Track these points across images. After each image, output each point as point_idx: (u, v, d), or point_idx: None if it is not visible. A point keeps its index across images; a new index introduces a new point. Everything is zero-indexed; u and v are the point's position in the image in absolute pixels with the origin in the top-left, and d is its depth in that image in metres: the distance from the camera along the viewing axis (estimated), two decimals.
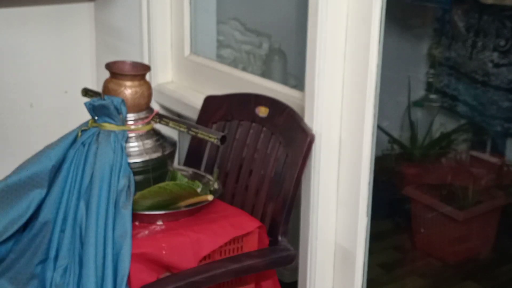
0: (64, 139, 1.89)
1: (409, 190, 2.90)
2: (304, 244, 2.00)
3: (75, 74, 2.82)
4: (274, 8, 2.87)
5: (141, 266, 1.74)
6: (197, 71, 2.48)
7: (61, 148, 1.86)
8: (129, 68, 1.97)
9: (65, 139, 1.88)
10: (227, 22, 2.83)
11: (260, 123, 2.04)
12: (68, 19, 2.77)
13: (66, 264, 1.76)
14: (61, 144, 1.87)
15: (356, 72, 1.86)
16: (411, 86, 3.12)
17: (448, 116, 3.12)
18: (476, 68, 2.96)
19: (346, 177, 1.94)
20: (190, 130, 1.91)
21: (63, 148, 1.86)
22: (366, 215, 1.93)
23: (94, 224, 1.74)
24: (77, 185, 1.80)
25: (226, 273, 1.80)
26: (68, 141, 1.88)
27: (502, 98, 2.90)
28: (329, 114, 1.91)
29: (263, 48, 2.89)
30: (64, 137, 1.90)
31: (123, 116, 1.87)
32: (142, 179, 1.89)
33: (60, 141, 1.88)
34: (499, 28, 2.89)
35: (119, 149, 1.82)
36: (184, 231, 1.80)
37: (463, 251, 2.84)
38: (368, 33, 1.80)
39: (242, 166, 2.06)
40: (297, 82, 2.66)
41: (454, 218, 2.79)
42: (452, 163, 3.01)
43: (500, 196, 2.88)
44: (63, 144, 1.87)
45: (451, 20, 3.05)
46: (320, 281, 2.02)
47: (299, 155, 1.91)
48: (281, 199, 1.93)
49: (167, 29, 2.54)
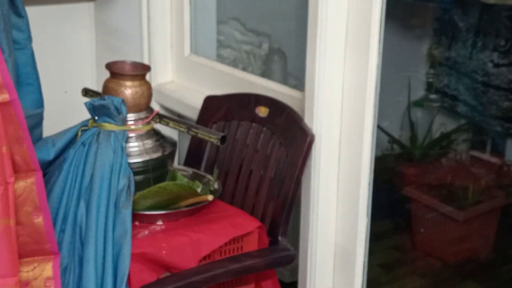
0: (64, 134, 1.90)
1: (409, 190, 2.90)
2: (304, 244, 2.01)
3: (75, 74, 2.82)
4: (274, 8, 2.87)
5: (141, 266, 1.74)
6: (197, 71, 2.48)
7: (60, 144, 1.87)
8: (129, 68, 1.97)
9: (65, 134, 1.89)
10: (227, 22, 2.83)
11: (260, 123, 2.04)
12: (68, 19, 2.77)
13: (66, 264, 1.76)
14: (61, 139, 1.88)
15: (356, 72, 1.86)
16: (411, 86, 3.12)
17: (448, 116, 3.12)
18: (476, 68, 2.97)
19: (346, 177, 1.94)
20: (190, 130, 1.91)
21: (62, 144, 1.87)
22: (366, 215, 1.93)
23: (94, 224, 1.74)
24: (77, 185, 1.81)
25: (226, 273, 1.80)
26: (67, 138, 1.88)
27: (502, 98, 2.90)
28: (329, 114, 1.91)
29: (263, 48, 2.89)
30: (64, 132, 1.91)
31: (123, 116, 1.87)
32: (142, 179, 1.89)
33: (60, 136, 1.89)
34: (499, 28, 2.89)
35: (119, 149, 1.83)
36: (184, 231, 1.80)
37: (463, 251, 2.84)
38: (368, 33, 1.80)
39: (242, 166, 2.06)
40: (297, 82, 2.66)
41: (454, 218, 2.79)
42: (452, 163, 3.02)
43: (500, 196, 2.88)
44: (63, 140, 1.88)
45: (451, 20, 3.05)
46: (320, 281, 2.02)
47: (299, 155, 1.91)
48: (281, 199, 1.93)
49: (167, 29, 2.54)
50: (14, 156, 1.55)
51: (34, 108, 2.00)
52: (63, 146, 1.88)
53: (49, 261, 1.68)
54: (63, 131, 1.92)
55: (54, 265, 1.68)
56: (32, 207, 1.62)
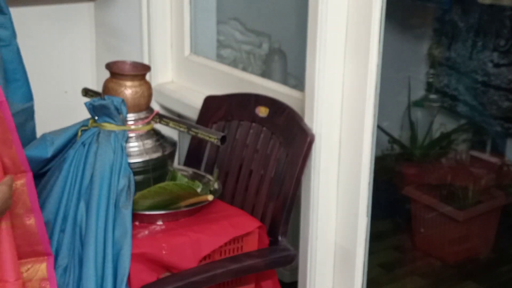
0: (63, 133, 1.90)
1: (409, 190, 2.90)
2: (304, 244, 2.01)
3: (75, 74, 2.82)
4: (274, 8, 2.87)
5: (141, 266, 1.74)
6: (197, 71, 2.48)
7: (59, 142, 1.87)
8: (129, 68, 1.97)
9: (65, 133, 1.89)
10: (227, 22, 2.83)
11: (260, 123, 2.04)
12: (68, 19, 2.77)
13: (66, 264, 1.76)
14: (60, 138, 1.88)
15: (356, 72, 1.86)
16: (411, 86, 3.12)
17: (448, 116, 3.13)
18: (476, 68, 2.97)
19: (346, 177, 1.94)
20: (190, 130, 1.91)
21: (61, 143, 1.87)
22: (366, 215, 1.93)
23: (94, 224, 1.74)
24: (77, 185, 1.81)
25: (226, 273, 1.80)
26: (66, 136, 1.88)
27: (502, 98, 2.90)
28: (329, 114, 1.91)
29: (263, 48, 2.90)
30: (63, 130, 1.91)
31: (123, 116, 1.87)
32: (142, 179, 1.89)
33: (59, 135, 1.89)
34: (499, 28, 2.90)
35: (119, 149, 1.83)
36: (184, 231, 1.80)
37: (463, 251, 2.84)
38: (368, 33, 1.80)
39: (242, 166, 2.06)
40: (297, 82, 2.66)
41: (454, 218, 2.79)
42: (452, 163, 3.01)
43: (500, 196, 2.88)
44: (61, 139, 1.88)
45: (451, 20, 3.05)
46: (320, 281, 2.02)
47: (299, 155, 1.91)
48: (281, 199, 1.93)
49: (167, 29, 2.54)
50: (3, 158, 1.54)
51: (24, 102, 2.03)
52: (62, 145, 1.88)
53: (43, 262, 1.67)
54: (63, 129, 1.92)
55: (48, 266, 1.67)
56: (24, 209, 1.60)
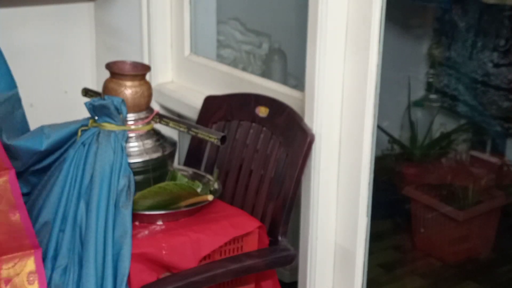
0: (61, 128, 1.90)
1: (409, 190, 2.90)
2: (304, 244, 2.00)
3: (75, 74, 2.82)
4: (274, 8, 2.87)
5: (141, 266, 1.74)
6: (197, 71, 2.48)
7: (55, 137, 1.87)
8: (129, 68, 1.97)
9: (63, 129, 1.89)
10: (227, 22, 2.83)
11: (260, 123, 2.04)
12: (68, 19, 2.77)
13: (66, 264, 1.76)
14: (57, 132, 1.88)
15: (356, 72, 1.86)
16: (411, 86, 3.12)
17: (448, 116, 3.12)
18: (476, 68, 2.97)
19: (346, 177, 1.94)
20: (190, 130, 1.91)
21: (57, 138, 1.87)
22: (366, 215, 1.93)
23: (94, 224, 1.74)
24: (77, 185, 1.80)
25: (226, 273, 1.80)
26: (64, 133, 1.88)
27: (502, 98, 2.90)
28: (329, 114, 1.91)
29: (263, 48, 2.90)
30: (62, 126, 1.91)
31: (123, 116, 1.87)
32: (142, 179, 1.89)
33: (57, 129, 1.89)
34: (499, 28, 2.89)
35: (119, 149, 1.83)
36: (184, 231, 1.80)
37: (463, 251, 2.84)
38: (368, 33, 1.80)
39: (242, 166, 2.06)
40: (297, 82, 2.66)
41: (454, 218, 2.79)
42: (452, 163, 3.01)
43: (500, 196, 2.88)
44: (58, 134, 1.88)
45: (451, 20, 3.05)
46: (320, 281, 2.02)
47: (299, 155, 1.91)
48: (281, 199, 1.93)
49: (167, 29, 2.54)
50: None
51: (9, 90, 2.06)
52: (58, 140, 1.87)
53: (30, 255, 1.66)
54: (62, 124, 1.91)
55: (36, 259, 1.66)
56: (8, 205, 1.61)
